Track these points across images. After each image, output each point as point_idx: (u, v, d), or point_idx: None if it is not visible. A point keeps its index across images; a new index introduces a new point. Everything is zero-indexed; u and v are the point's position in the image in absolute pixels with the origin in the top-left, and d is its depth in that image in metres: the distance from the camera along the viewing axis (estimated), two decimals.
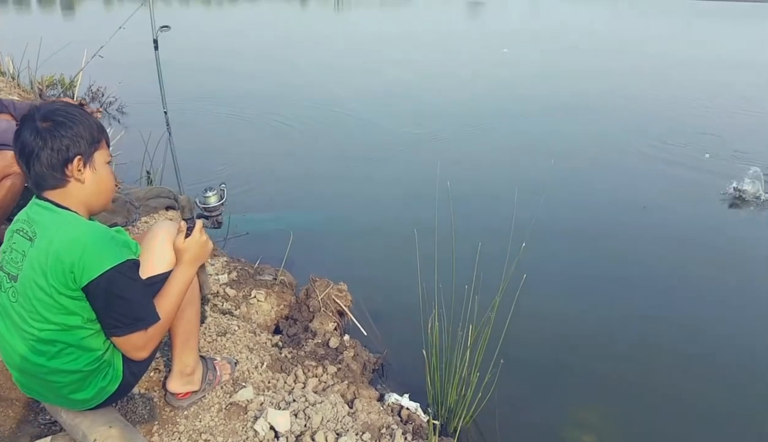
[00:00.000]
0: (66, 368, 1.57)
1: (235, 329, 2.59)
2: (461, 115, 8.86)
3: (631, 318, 3.57)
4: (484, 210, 5.08)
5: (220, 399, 2.09)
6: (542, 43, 19.49)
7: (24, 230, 1.55)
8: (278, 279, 3.17)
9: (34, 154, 1.51)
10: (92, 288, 1.48)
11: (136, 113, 7.49)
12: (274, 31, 21.48)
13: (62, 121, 1.54)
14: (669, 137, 7.44)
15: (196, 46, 15.30)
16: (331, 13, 36.03)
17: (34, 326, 1.52)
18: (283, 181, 5.65)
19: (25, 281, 1.50)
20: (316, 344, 2.75)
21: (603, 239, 4.69)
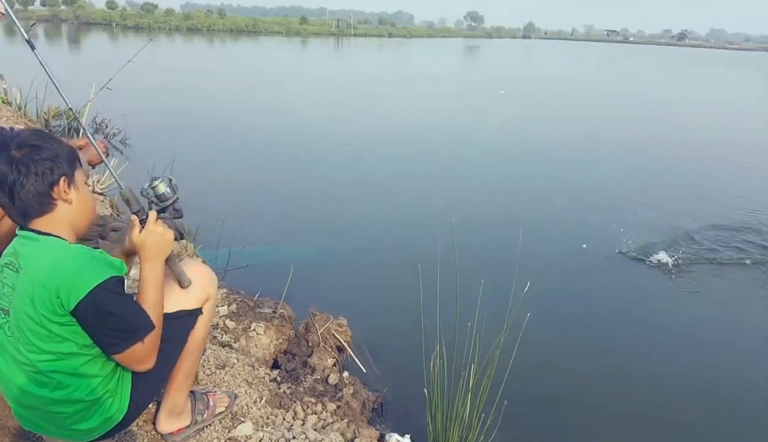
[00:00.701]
0: (69, 398, 1.54)
1: (234, 362, 2.56)
2: (462, 154, 9.06)
3: (639, 359, 3.55)
4: (488, 248, 5.13)
5: (218, 434, 2.05)
6: (535, 86, 20.05)
7: (12, 263, 1.53)
8: (278, 312, 3.15)
9: (17, 183, 1.47)
10: (81, 309, 1.45)
11: (139, 145, 7.58)
12: (278, 69, 21.94)
13: (38, 144, 1.51)
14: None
15: (201, 84, 15.58)
16: (332, 52, 36.86)
17: (31, 358, 1.49)
18: (284, 215, 5.70)
19: (17, 313, 1.48)
20: (315, 380, 2.71)
21: (609, 278, 4.72)
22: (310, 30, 68.76)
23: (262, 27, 65.39)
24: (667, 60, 47.89)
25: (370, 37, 73.20)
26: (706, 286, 4.62)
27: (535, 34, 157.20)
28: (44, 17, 58.37)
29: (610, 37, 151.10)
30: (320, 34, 66.80)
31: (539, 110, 14.17)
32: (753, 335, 3.94)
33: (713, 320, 4.13)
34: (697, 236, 5.56)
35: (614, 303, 4.31)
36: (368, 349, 3.19)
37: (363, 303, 3.85)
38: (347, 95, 15.71)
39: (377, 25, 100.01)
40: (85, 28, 50.20)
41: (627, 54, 61.83)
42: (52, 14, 60.10)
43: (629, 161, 9.16)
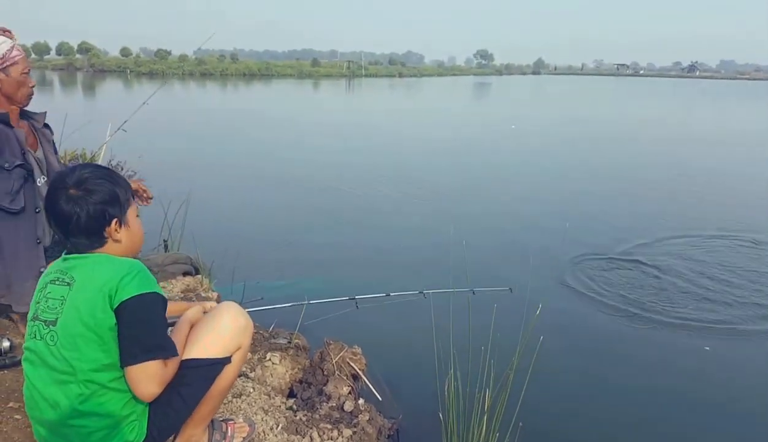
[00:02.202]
0: (99, 410, 1.58)
1: (251, 391, 2.58)
2: (476, 186, 9.21)
3: (655, 379, 3.49)
4: (498, 272, 5.15)
5: None
6: (546, 121, 20.29)
7: (59, 278, 1.60)
8: (293, 342, 3.18)
9: (72, 221, 1.59)
10: (123, 308, 1.52)
11: (155, 185, 7.75)
12: (290, 111, 22.50)
13: (93, 188, 1.61)
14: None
15: (214, 124, 16.02)
16: (343, 93, 37.69)
17: (74, 365, 1.54)
18: (297, 249, 5.78)
19: (67, 321, 1.54)
20: (331, 407, 2.72)
21: (624, 296, 4.69)
22: (321, 72, 70.51)
23: (275, 70, 67.17)
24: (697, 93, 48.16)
25: (381, 77, 74.84)
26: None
27: (545, 70, 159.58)
28: (59, 66, 60.47)
29: (620, 71, 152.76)
30: (331, 75, 68.44)
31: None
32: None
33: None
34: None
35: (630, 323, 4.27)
36: (383, 376, 3.19)
37: (377, 333, 3.86)
38: (363, 134, 16.02)
39: (388, 65, 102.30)
40: (100, 75, 51.85)
41: (642, 88, 62.25)
42: (67, 63, 61.85)
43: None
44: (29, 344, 1.63)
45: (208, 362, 1.77)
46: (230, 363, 1.84)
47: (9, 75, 2.30)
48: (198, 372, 1.75)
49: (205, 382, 1.79)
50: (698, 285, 4.98)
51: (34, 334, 1.61)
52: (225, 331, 1.82)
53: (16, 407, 2.21)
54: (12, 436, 2.07)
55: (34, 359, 1.61)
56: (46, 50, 69.99)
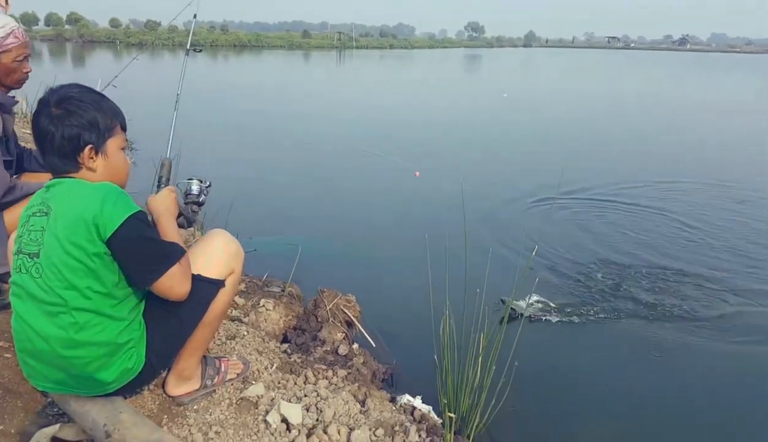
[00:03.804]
0: (95, 339, 1.56)
1: (245, 334, 2.56)
2: (474, 141, 9.49)
3: (651, 322, 3.53)
4: (495, 217, 5.26)
5: (230, 394, 2.06)
6: (537, 90, 20.23)
7: (39, 210, 1.57)
8: (286, 291, 3.16)
9: (47, 139, 1.56)
10: (117, 239, 1.49)
11: (144, 146, 7.67)
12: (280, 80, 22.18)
13: (74, 110, 1.57)
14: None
15: (205, 90, 15.78)
16: (335, 65, 37.12)
17: (62, 294, 1.51)
18: (289, 204, 5.81)
19: (50, 251, 1.51)
20: (325, 351, 2.72)
21: (619, 235, 4.77)
22: (312, 43, 69.36)
23: (265, 42, 66.05)
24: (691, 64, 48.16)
25: (372, 49, 73.79)
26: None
27: (536, 43, 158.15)
28: (48, 37, 59.11)
29: (611, 43, 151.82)
30: (322, 47, 67.38)
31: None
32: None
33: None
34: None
35: (633, 254, 4.33)
36: (377, 324, 3.20)
37: (370, 280, 3.86)
38: (358, 100, 15.84)
39: (379, 37, 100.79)
40: (90, 46, 50.79)
41: (634, 60, 62.04)
42: (56, 34, 60.58)
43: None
44: (15, 278, 1.59)
45: (203, 280, 1.75)
46: (224, 287, 1.83)
47: (0, 62, 2.26)
48: (195, 291, 1.70)
49: (201, 303, 1.78)
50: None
51: (19, 268, 1.57)
52: (217, 254, 1.82)
53: (6, 346, 2.19)
54: (1, 373, 2.04)
55: (20, 293, 1.57)
56: (35, 21, 68.29)
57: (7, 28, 2.26)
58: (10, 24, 2.29)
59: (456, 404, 2.49)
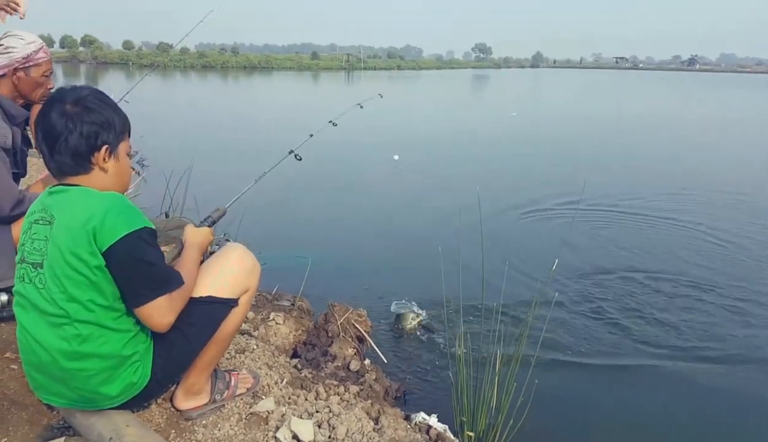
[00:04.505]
0: (99, 351, 1.50)
1: (254, 348, 2.50)
2: (486, 157, 9.52)
3: (671, 337, 3.43)
4: (512, 230, 5.20)
5: (239, 409, 1.99)
6: (545, 110, 20.31)
7: (42, 218, 1.52)
8: (296, 305, 3.10)
9: (61, 138, 1.48)
10: (114, 252, 1.43)
11: (157, 164, 7.71)
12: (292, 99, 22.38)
13: (92, 107, 1.52)
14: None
15: (214, 109, 15.95)
16: (344, 85, 37.49)
17: (65, 307, 1.46)
18: (299, 219, 5.79)
19: (52, 262, 1.46)
20: (336, 367, 2.65)
21: (639, 248, 4.70)
22: (321, 65, 70.24)
23: (274, 63, 67.01)
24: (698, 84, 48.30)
25: (380, 70, 74.55)
26: None
27: (543, 64, 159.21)
28: (63, 58, 60.34)
29: (619, 64, 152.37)
30: (331, 68, 68.20)
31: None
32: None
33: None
34: None
35: (657, 271, 4.24)
36: (389, 339, 3.12)
37: (381, 295, 3.78)
38: (370, 119, 15.94)
39: (386, 59, 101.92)
40: (103, 67, 51.84)
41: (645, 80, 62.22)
42: (70, 55, 61.96)
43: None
44: (18, 287, 1.54)
45: (214, 301, 1.69)
46: (237, 307, 1.76)
47: (29, 75, 2.32)
48: (204, 312, 1.67)
49: (211, 323, 1.71)
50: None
51: (23, 277, 1.53)
52: (232, 272, 1.75)
53: (13, 358, 2.14)
54: (8, 384, 2.00)
55: (24, 303, 1.53)
56: (50, 43, 69.67)
57: (38, 43, 2.34)
58: (38, 40, 2.35)
59: (473, 423, 2.40)
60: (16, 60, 2.27)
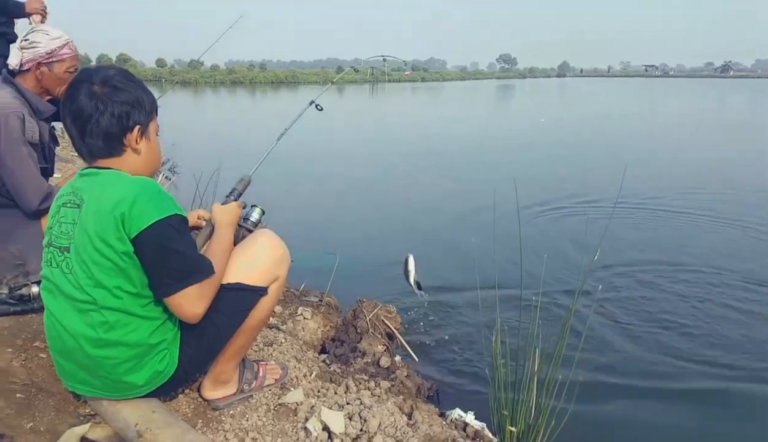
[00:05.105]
0: (125, 339, 1.45)
1: (282, 341, 2.44)
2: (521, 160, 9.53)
3: (715, 339, 3.22)
4: (547, 226, 5.10)
5: (268, 400, 1.92)
6: (574, 115, 20.09)
7: (71, 200, 1.48)
8: (324, 301, 3.04)
9: (93, 119, 1.43)
10: (143, 240, 1.38)
11: (188, 166, 7.83)
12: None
13: (121, 86, 1.47)
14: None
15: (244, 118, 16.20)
16: (368, 98, 37.73)
17: (91, 293, 1.41)
18: (328, 217, 5.78)
19: (80, 246, 1.42)
20: (366, 363, 2.56)
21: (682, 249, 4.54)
22: (345, 78, 70.97)
23: (300, 78, 68.06)
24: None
25: (404, 82, 74.93)
26: None
27: (570, 73, 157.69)
28: None
29: (648, 72, 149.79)
30: (355, 81, 68.81)
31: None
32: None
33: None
34: None
35: (709, 267, 4.06)
36: (419, 337, 3.01)
37: (411, 293, 3.67)
38: (398, 130, 15.94)
39: (410, 71, 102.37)
40: None
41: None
42: None
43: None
44: (45, 272, 1.51)
45: (244, 288, 1.63)
46: (266, 295, 1.70)
47: (52, 70, 2.30)
48: (233, 299, 1.61)
49: (240, 311, 1.66)
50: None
51: (50, 261, 1.49)
52: (263, 259, 1.69)
53: (42, 347, 2.13)
54: (36, 373, 1.97)
55: (51, 288, 1.49)
56: (87, 62, 72.64)
57: (63, 39, 2.32)
58: (64, 36, 2.34)
59: (512, 423, 2.27)
60: (40, 55, 2.26)
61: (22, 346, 2.07)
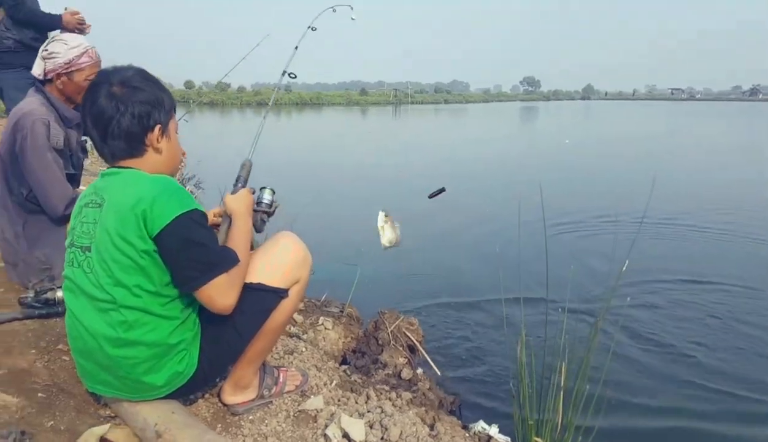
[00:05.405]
0: (144, 339, 1.45)
1: (303, 350, 2.41)
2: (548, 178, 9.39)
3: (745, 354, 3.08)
4: (573, 240, 5.03)
5: (288, 406, 1.89)
6: (598, 136, 19.93)
7: (92, 200, 1.48)
8: (345, 312, 3.01)
9: (114, 121, 1.44)
10: (165, 236, 1.38)
11: (212, 187, 7.94)
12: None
13: (140, 86, 1.48)
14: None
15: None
16: (390, 120, 37.99)
17: (111, 292, 1.41)
18: (349, 230, 5.79)
19: (101, 245, 1.42)
20: (387, 374, 2.51)
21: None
22: (369, 100, 72.01)
23: (325, 99, 69.23)
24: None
25: (427, 104, 75.50)
26: None
27: (594, 96, 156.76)
28: None
29: (674, 95, 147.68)
30: (379, 103, 69.70)
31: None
32: None
33: None
34: None
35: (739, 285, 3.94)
36: (443, 350, 2.95)
37: (433, 306, 3.63)
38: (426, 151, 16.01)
39: (433, 94, 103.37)
40: None
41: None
42: None
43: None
44: (67, 271, 1.52)
45: (265, 289, 1.62)
46: (287, 297, 1.68)
47: (72, 79, 2.31)
48: (254, 299, 1.60)
49: (260, 312, 1.64)
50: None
51: (72, 261, 1.50)
52: (284, 260, 1.68)
53: (65, 350, 2.14)
54: (58, 374, 1.98)
55: (73, 288, 1.50)
56: None
57: (81, 47, 2.32)
58: (84, 43, 2.35)
59: (538, 436, 2.18)
60: (59, 65, 2.28)
61: (45, 348, 2.08)
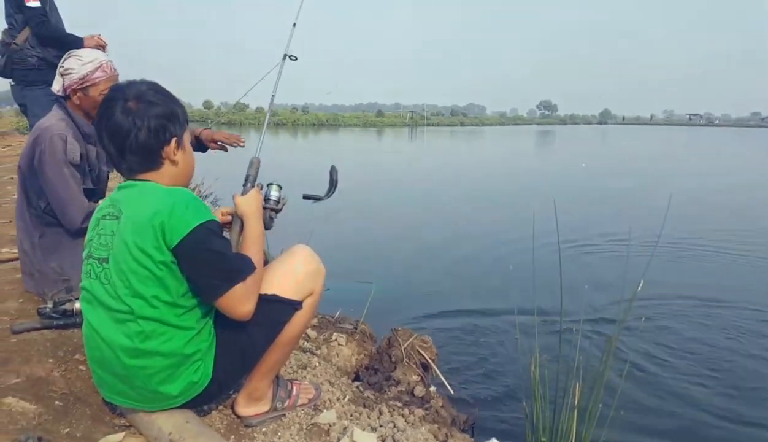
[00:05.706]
0: (160, 349, 1.47)
1: (316, 365, 2.42)
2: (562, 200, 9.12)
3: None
4: (586, 258, 5.03)
5: (300, 420, 1.89)
6: (612, 160, 19.81)
7: (110, 213, 1.51)
8: (359, 329, 3.00)
9: (131, 136, 1.47)
10: (184, 247, 1.40)
11: (229, 204, 8.05)
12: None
13: (155, 100, 1.51)
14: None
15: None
16: (407, 142, 38.19)
17: (129, 303, 1.44)
18: (364, 248, 5.80)
19: (118, 257, 1.45)
20: (400, 391, 2.50)
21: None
22: (385, 122, 72.59)
23: (341, 121, 70.00)
24: None
25: (442, 126, 75.87)
26: None
27: (611, 120, 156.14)
28: None
29: (692, 121, 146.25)
30: (395, 125, 70.21)
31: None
32: None
33: None
34: None
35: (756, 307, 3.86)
36: (456, 367, 2.93)
37: (447, 324, 3.61)
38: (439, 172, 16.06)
39: (449, 116, 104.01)
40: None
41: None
42: None
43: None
44: (85, 283, 1.54)
45: (279, 300, 1.63)
46: (301, 310, 1.70)
47: (88, 94, 2.33)
48: (268, 311, 1.61)
49: (275, 323, 1.66)
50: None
51: (89, 272, 1.52)
52: (297, 272, 1.70)
53: (82, 360, 2.16)
54: (75, 383, 2.01)
55: (90, 299, 1.52)
56: None
57: (96, 62, 2.33)
58: (99, 58, 2.36)
59: None
60: (74, 81, 2.29)
61: (62, 358, 2.11)
